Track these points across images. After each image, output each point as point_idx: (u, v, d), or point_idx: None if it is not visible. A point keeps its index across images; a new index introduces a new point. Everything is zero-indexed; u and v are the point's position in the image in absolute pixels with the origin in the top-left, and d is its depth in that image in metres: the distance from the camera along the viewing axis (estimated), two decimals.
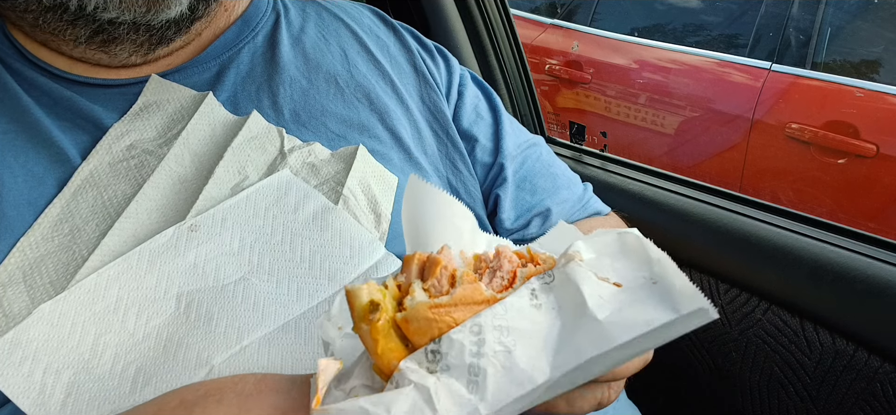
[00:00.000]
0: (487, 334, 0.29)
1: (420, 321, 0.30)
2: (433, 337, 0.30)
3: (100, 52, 0.53)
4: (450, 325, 0.30)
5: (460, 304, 0.31)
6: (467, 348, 0.29)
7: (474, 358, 0.29)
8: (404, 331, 0.30)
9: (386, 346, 0.30)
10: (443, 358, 0.29)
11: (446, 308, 0.30)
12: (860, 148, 2.16)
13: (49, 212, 0.47)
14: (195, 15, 0.54)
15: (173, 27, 0.53)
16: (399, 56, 0.69)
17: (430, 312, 0.30)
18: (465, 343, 0.29)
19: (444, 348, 0.29)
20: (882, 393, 0.73)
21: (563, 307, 0.31)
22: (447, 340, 0.29)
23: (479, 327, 0.30)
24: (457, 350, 0.29)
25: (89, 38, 0.52)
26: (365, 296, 0.30)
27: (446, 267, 0.32)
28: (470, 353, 0.29)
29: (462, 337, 0.29)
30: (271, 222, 0.51)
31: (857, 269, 0.75)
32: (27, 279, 0.45)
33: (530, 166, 0.70)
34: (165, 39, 0.54)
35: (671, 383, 0.95)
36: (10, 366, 0.41)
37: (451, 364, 0.29)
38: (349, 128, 0.60)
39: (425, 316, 0.30)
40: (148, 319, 0.45)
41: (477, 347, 0.29)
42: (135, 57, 0.54)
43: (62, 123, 0.52)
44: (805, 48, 2.37)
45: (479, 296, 0.31)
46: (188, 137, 0.54)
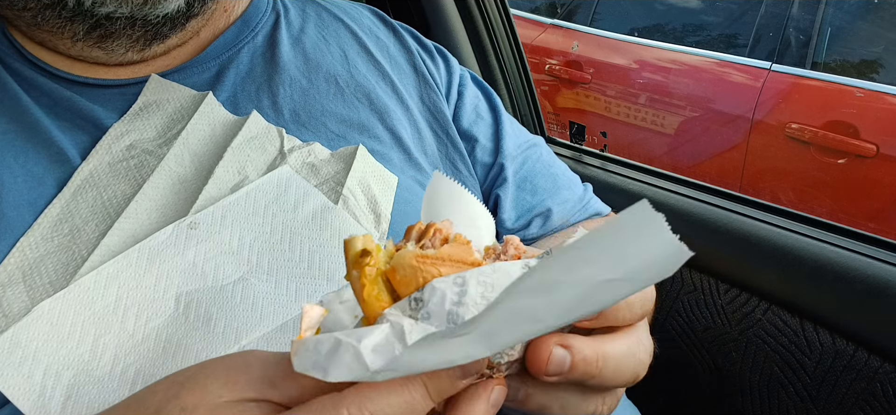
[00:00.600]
0: (471, 286, 0.29)
1: (405, 269, 0.30)
2: (418, 287, 0.30)
3: (97, 49, 0.53)
4: (435, 276, 0.30)
5: (448, 260, 0.31)
6: (449, 297, 0.29)
7: (455, 306, 0.29)
8: (391, 281, 0.31)
9: (372, 292, 0.30)
10: (424, 305, 0.29)
11: (433, 260, 0.30)
12: (860, 148, 2.16)
13: (49, 212, 0.47)
14: (191, 12, 0.54)
15: (169, 23, 0.53)
16: (399, 56, 0.69)
17: (415, 260, 0.30)
18: (448, 292, 0.29)
19: (426, 295, 0.29)
20: (882, 393, 0.73)
21: None
22: (430, 288, 0.29)
23: (464, 280, 0.29)
24: (438, 298, 0.29)
25: (87, 34, 0.52)
26: (359, 244, 0.30)
27: (440, 230, 0.32)
28: (451, 301, 0.29)
29: (445, 286, 0.29)
30: (271, 221, 0.51)
31: (857, 269, 0.75)
32: (27, 279, 0.45)
33: (531, 167, 0.70)
34: (161, 35, 0.54)
35: (671, 383, 0.95)
36: (10, 366, 0.41)
37: (432, 312, 0.29)
38: (349, 128, 0.60)
39: (411, 264, 0.30)
40: (147, 319, 0.45)
41: (459, 297, 0.29)
42: (131, 53, 0.54)
43: (62, 123, 0.52)
44: (805, 48, 2.37)
45: (468, 257, 0.31)
46: (188, 137, 0.54)
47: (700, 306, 0.89)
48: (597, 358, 0.33)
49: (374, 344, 0.28)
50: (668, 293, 0.93)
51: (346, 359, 0.28)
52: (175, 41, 0.57)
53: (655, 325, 0.82)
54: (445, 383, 0.30)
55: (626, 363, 0.34)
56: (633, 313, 0.35)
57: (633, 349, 0.35)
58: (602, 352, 0.33)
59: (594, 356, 0.33)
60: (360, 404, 0.28)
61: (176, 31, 0.55)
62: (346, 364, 0.28)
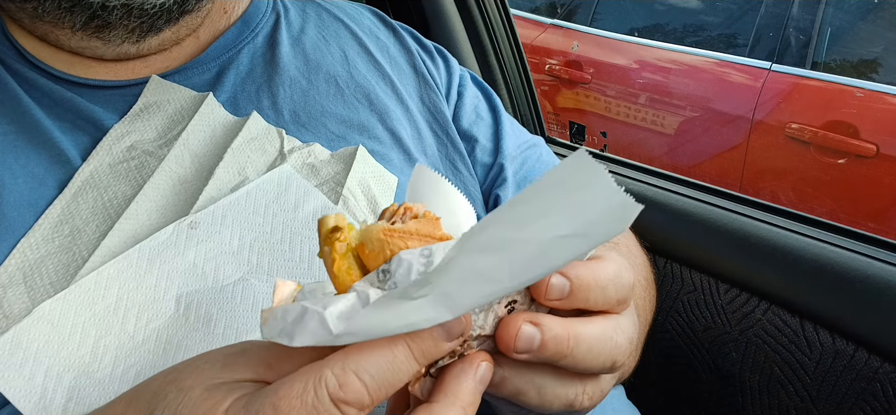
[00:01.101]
0: (437, 258, 0.29)
1: (373, 243, 0.30)
2: (386, 260, 0.30)
3: (95, 39, 0.53)
4: (402, 249, 0.30)
5: (416, 234, 0.31)
6: (415, 267, 0.29)
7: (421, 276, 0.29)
8: (360, 255, 0.31)
9: (342, 266, 0.30)
10: (391, 276, 0.29)
11: (400, 234, 0.30)
12: (860, 148, 2.16)
13: (49, 213, 0.47)
14: (186, 7, 0.54)
15: (164, 16, 0.53)
16: (399, 57, 0.69)
17: (383, 234, 0.30)
18: (414, 263, 0.29)
19: (393, 267, 0.30)
20: (882, 393, 0.73)
21: None
22: (396, 259, 0.30)
23: (430, 252, 0.30)
24: (404, 269, 0.29)
25: (85, 24, 0.52)
26: (332, 221, 0.31)
27: (410, 208, 0.33)
28: (417, 272, 0.29)
29: (411, 258, 0.30)
30: (271, 220, 0.51)
31: (857, 269, 0.75)
32: (27, 281, 0.45)
33: (530, 167, 0.70)
34: (156, 28, 0.54)
35: (671, 383, 0.95)
36: (11, 367, 0.41)
37: (398, 282, 0.29)
38: (349, 128, 0.60)
39: (378, 238, 0.30)
40: (148, 320, 0.45)
41: (425, 267, 0.29)
42: (127, 44, 0.54)
43: (62, 123, 0.52)
44: (805, 48, 2.37)
45: (436, 232, 0.31)
46: (188, 137, 0.54)
47: (700, 306, 0.89)
48: (568, 337, 0.32)
49: (339, 311, 0.28)
50: (668, 293, 0.93)
51: (311, 325, 0.28)
52: (170, 36, 0.57)
53: (655, 325, 0.82)
54: (428, 343, 0.30)
55: (601, 346, 0.34)
56: (606, 298, 0.35)
57: (608, 332, 0.34)
58: (574, 332, 0.33)
59: (565, 335, 0.32)
60: (343, 366, 0.28)
61: (170, 24, 0.55)
62: (310, 330, 0.28)
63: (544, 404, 0.35)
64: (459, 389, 0.31)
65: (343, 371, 0.28)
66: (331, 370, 0.28)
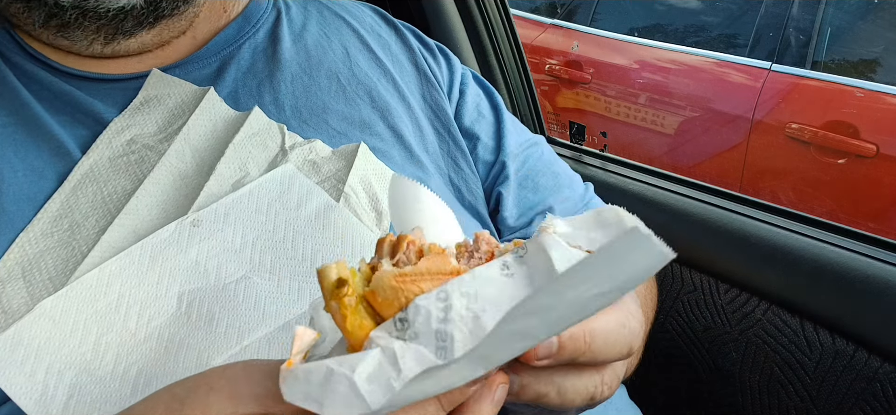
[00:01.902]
0: (455, 299, 0.29)
1: (386, 291, 0.30)
2: (401, 307, 0.30)
3: (61, 38, 0.53)
4: (416, 294, 0.30)
5: (427, 274, 0.30)
6: (434, 315, 0.29)
7: (441, 324, 0.29)
8: (372, 304, 0.30)
9: (354, 321, 0.30)
10: (410, 326, 0.29)
11: (412, 277, 0.30)
12: (860, 148, 2.16)
13: (48, 207, 0.47)
14: (159, 12, 0.53)
15: (131, 19, 0.52)
16: (400, 54, 0.69)
17: (395, 281, 0.30)
18: (432, 310, 0.29)
19: (411, 315, 0.29)
20: (882, 393, 0.73)
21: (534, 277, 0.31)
22: (414, 307, 0.29)
23: (447, 294, 0.29)
24: (423, 317, 0.29)
25: (45, 22, 0.51)
26: (334, 274, 0.30)
27: (413, 242, 0.32)
28: (437, 319, 0.29)
29: (429, 303, 0.29)
30: (274, 219, 0.51)
31: (857, 269, 0.75)
32: (26, 275, 0.45)
33: (532, 165, 0.70)
34: (124, 31, 0.53)
35: (671, 382, 0.95)
36: (12, 365, 0.41)
37: (419, 331, 0.29)
38: (350, 125, 0.60)
39: (391, 285, 0.30)
40: (149, 318, 0.45)
41: (444, 312, 0.29)
42: (97, 45, 0.53)
43: (62, 117, 0.52)
44: (805, 48, 2.37)
45: (446, 267, 0.31)
46: (189, 132, 0.53)
47: (700, 306, 0.89)
48: (584, 334, 0.33)
49: (368, 374, 0.28)
50: (668, 293, 0.93)
51: (342, 391, 0.27)
52: (152, 39, 0.55)
53: (655, 325, 0.82)
54: (457, 394, 0.30)
55: (617, 335, 0.34)
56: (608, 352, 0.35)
57: (621, 321, 0.35)
58: (589, 328, 0.33)
59: (581, 333, 0.33)
60: None
61: (142, 27, 0.53)
62: (341, 397, 0.27)
63: (565, 402, 0.35)
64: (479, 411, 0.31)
65: None
66: None
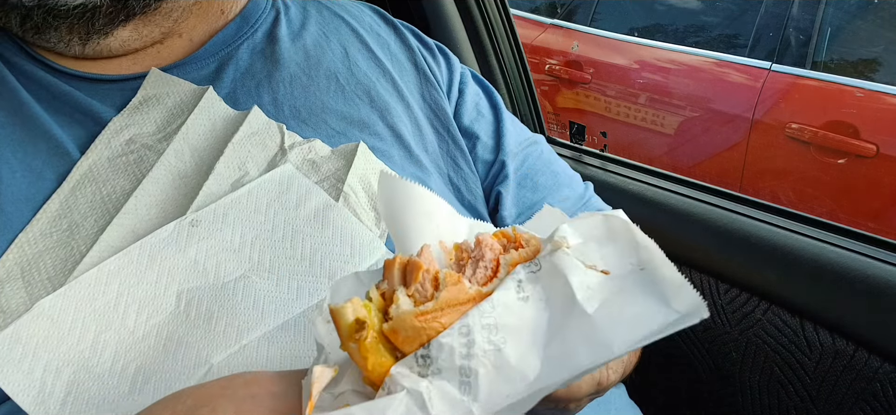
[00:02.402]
0: (476, 334, 0.29)
1: (408, 330, 0.30)
2: (422, 343, 0.30)
3: (41, 39, 0.53)
4: (437, 330, 0.30)
5: (446, 307, 0.30)
6: (457, 351, 0.29)
7: (465, 359, 0.29)
8: (393, 341, 0.30)
9: (376, 361, 0.30)
10: (433, 362, 0.29)
11: (433, 314, 0.30)
12: (860, 148, 2.16)
13: (47, 207, 0.47)
14: (129, 9, 0.52)
15: (100, 17, 0.51)
16: (400, 54, 0.69)
17: (416, 320, 0.30)
18: (455, 346, 0.29)
19: (433, 352, 0.29)
20: (882, 393, 0.72)
21: (551, 299, 0.31)
22: (436, 344, 0.29)
23: (468, 329, 0.30)
24: (447, 354, 0.29)
25: (21, 25, 0.51)
26: (350, 315, 0.30)
27: (428, 270, 0.32)
28: (460, 355, 0.29)
29: (451, 340, 0.29)
30: (272, 219, 0.51)
31: (857, 269, 0.75)
32: (25, 275, 0.45)
33: (531, 164, 0.70)
34: (97, 30, 0.52)
35: (671, 383, 0.95)
36: (10, 362, 0.41)
37: (442, 368, 0.29)
38: (350, 125, 0.60)
39: (412, 325, 0.30)
40: (148, 316, 0.45)
41: (467, 348, 0.29)
42: (76, 46, 0.53)
43: (61, 117, 0.52)
44: (805, 48, 2.37)
45: (463, 296, 0.31)
46: (188, 131, 0.53)
47: None
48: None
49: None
50: None
51: None
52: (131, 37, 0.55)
53: None
54: None
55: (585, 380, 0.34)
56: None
57: None
58: None
59: None
60: None
61: (114, 26, 0.53)
62: None
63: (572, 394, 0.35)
64: None
65: None
66: None
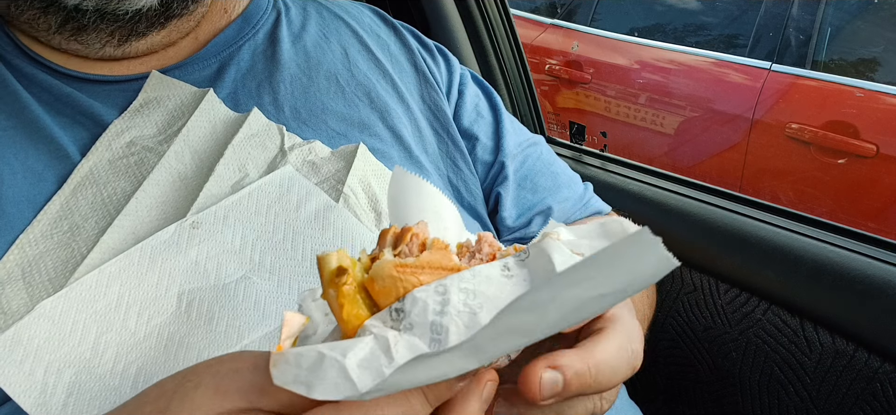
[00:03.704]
0: (452, 294, 0.29)
1: (385, 279, 0.29)
2: (398, 297, 0.29)
3: (74, 42, 0.53)
4: (415, 286, 0.29)
5: (427, 267, 0.30)
6: (431, 307, 0.28)
7: (437, 316, 0.28)
8: (370, 291, 0.30)
9: (351, 310, 0.29)
10: (406, 316, 0.29)
11: (412, 269, 0.30)
12: (860, 148, 2.16)
13: (48, 209, 0.47)
14: (171, 12, 0.53)
15: (145, 21, 0.52)
16: (400, 55, 0.69)
17: (395, 270, 0.29)
18: (429, 302, 0.29)
19: (407, 306, 0.29)
20: (882, 393, 0.73)
21: (534, 279, 0.30)
22: (411, 298, 0.29)
23: (445, 288, 0.29)
24: (420, 308, 0.29)
25: (60, 27, 0.51)
26: (334, 262, 0.30)
27: (417, 235, 0.32)
28: (433, 311, 0.28)
29: (426, 296, 0.29)
30: (273, 220, 0.51)
31: (857, 269, 0.75)
32: (26, 277, 0.45)
33: (531, 165, 0.70)
34: (138, 32, 0.53)
35: (671, 383, 0.95)
36: (11, 364, 0.41)
37: (414, 322, 0.28)
38: (350, 126, 0.60)
39: (390, 274, 0.29)
40: (149, 318, 0.45)
41: (441, 306, 0.28)
42: (109, 48, 0.54)
43: (62, 119, 0.52)
44: (805, 48, 2.37)
45: (447, 262, 0.31)
46: (189, 133, 0.53)
47: (700, 306, 0.89)
48: (589, 368, 0.32)
49: (359, 359, 0.27)
50: (668, 293, 0.93)
51: (332, 375, 0.27)
52: (160, 40, 0.56)
53: (655, 325, 0.82)
54: (443, 389, 0.30)
55: (620, 360, 0.33)
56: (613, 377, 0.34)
57: (624, 344, 0.34)
58: (594, 361, 0.32)
59: (585, 367, 0.32)
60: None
61: (154, 28, 0.54)
62: (331, 381, 0.27)
63: None
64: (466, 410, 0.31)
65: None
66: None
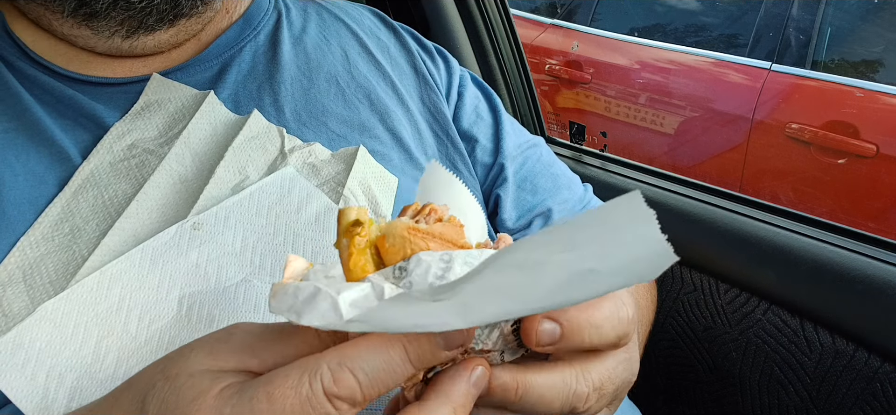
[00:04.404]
0: (456, 265, 0.29)
1: (395, 238, 0.30)
2: (404, 257, 0.30)
3: (85, 28, 0.53)
4: (422, 250, 0.30)
5: (439, 238, 0.31)
6: (433, 271, 0.29)
7: (437, 280, 0.29)
8: (380, 249, 0.31)
9: (358, 261, 0.30)
10: (407, 275, 0.29)
11: (423, 235, 0.30)
12: (860, 148, 2.16)
13: (49, 211, 0.47)
14: (180, 11, 0.54)
15: (154, 14, 0.53)
16: (399, 57, 0.69)
17: (407, 231, 0.30)
18: (432, 266, 0.29)
19: (411, 266, 0.29)
20: (882, 393, 0.73)
21: None
22: (416, 259, 0.29)
23: (450, 258, 0.29)
24: (422, 270, 0.29)
25: (73, 11, 0.51)
26: (353, 215, 0.31)
27: (436, 210, 0.33)
28: (434, 275, 0.29)
29: (431, 260, 0.29)
30: (274, 222, 0.51)
31: (857, 269, 0.75)
32: (27, 279, 0.45)
33: (531, 167, 0.70)
34: (147, 26, 0.53)
35: (671, 383, 0.95)
36: (13, 367, 0.41)
37: (414, 282, 0.29)
38: (350, 128, 0.60)
39: (401, 234, 0.30)
40: (150, 321, 0.45)
41: (443, 272, 0.29)
42: (118, 38, 0.54)
43: (63, 121, 0.52)
44: (805, 48, 2.38)
45: (458, 239, 0.31)
46: (189, 136, 0.54)
47: (700, 306, 0.89)
48: (517, 386, 0.33)
49: (352, 299, 0.28)
50: (669, 293, 0.93)
51: (322, 306, 0.28)
52: (168, 40, 0.56)
53: (655, 325, 0.82)
54: (425, 347, 0.30)
55: (555, 394, 0.34)
56: (602, 336, 0.34)
57: (567, 381, 0.34)
58: (524, 381, 0.33)
59: (513, 384, 0.33)
60: (339, 361, 0.28)
61: (163, 24, 0.54)
62: (320, 311, 0.28)
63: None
64: (452, 390, 0.31)
65: (339, 367, 0.28)
66: (327, 364, 0.28)
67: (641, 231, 0.25)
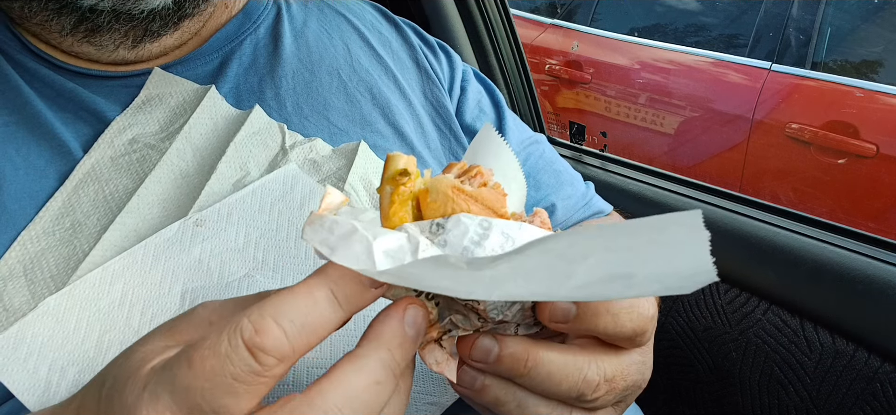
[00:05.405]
0: (494, 234, 0.29)
1: (438, 194, 0.30)
2: (444, 215, 0.30)
3: (87, 45, 0.53)
4: (463, 211, 0.30)
5: (481, 202, 0.31)
6: (470, 234, 0.29)
7: (472, 245, 0.29)
8: (422, 203, 0.31)
9: (398, 211, 0.30)
10: (445, 233, 0.29)
11: (466, 196, 0.30)
12: (860, 148, 2.16)
13: (50, 205, 0.47)
14: (184, 12, 0.53)
15: (158, 20, 0.52)
16: (401, 51, 0.69)
17: (451, 190, 0.30)
18: (470, 229, 0.29)
19: (449, 225, 0.29)
20: (882, 393, 0.73)
21: None
22: (455, 219, 0.29)
23: (489, 224, 0.29)
24: (460, 231, 0.29)
25: (74, 28, 0.51)
26: (402, 163, 0.30)
27: (481, 173, 0.32)
28: (471, 239, 0.29)
29: (470, 223, 0.29)
30: (277, 218, 0.51)
31: (857, 269, 0.75)
32: (28, 273, 0.45)
33: (534, 162, 0.70)
34: (152, 32, 0.53)
35: (671, 383, 0.95)
36: (15, 361, 0.41)
37: (449, 240, 0.29)
38: (352, 122, 0.60)
39: (445, 191, 0.30)
40: (152, 316, 0.45)
41: (479, 238, 0.29)
42: (123, 50, 0.54)
43: (64, 115, 0.52)
44: (805, 48, 2.38)
45: (501, 208, 0.31)
46: (190, 131, 0.54)
47: (700, 306, 0.89)
48: (527, 358, 0.32)
49: (386, 247, 0.28)
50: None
51: (356, 248, 0.27)
52: (172, 41, 0.56)
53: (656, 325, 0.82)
54: (352, 287, 0.28)
55: (563, 375, 0.33)
56: (617, 325, 0.33)
57: (578, 364, 0.33)
58: (534, 354, 0.32)
59: (524, 355, 0.32)
60: (260, 312, 0.26)
61: (167, 28, 0.54)
62: (354, 252, 0.27)
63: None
64: (384, 331, 0.29)
65: (260, 317, 0.26)
66: (247, 318, 0.26)
67: (692, 250, 0.25)
